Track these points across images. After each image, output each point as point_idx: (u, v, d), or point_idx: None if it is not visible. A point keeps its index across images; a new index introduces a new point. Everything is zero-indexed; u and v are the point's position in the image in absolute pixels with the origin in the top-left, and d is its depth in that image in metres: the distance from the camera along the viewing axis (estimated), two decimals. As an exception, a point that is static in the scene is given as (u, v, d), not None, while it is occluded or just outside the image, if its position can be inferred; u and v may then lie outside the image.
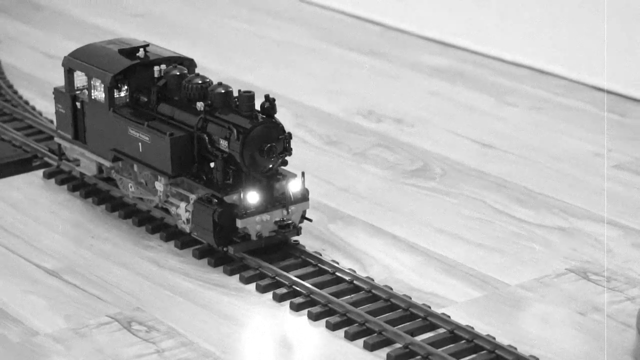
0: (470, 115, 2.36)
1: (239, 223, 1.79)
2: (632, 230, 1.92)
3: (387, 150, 2.22)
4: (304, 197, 1.84)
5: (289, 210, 1.82)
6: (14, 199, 2.07)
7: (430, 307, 1.68)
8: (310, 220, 1.87)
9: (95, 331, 1.67)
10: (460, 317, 1.66)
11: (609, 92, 2.43)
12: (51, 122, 2.24)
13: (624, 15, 2.82)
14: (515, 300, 1.75)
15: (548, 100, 2.41)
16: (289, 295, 1.74)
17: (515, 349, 1.57)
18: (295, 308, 1.71)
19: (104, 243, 1.92)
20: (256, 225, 1.80)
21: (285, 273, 1.77)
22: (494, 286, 1.78)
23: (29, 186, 2.11)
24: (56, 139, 2.09)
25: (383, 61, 2.65)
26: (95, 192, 2.06)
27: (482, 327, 1.64)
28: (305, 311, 1.70)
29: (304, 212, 1.85)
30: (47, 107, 2.33)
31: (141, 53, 1.95)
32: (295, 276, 1.76)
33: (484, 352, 1.58)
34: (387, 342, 1.62)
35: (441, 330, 1.63)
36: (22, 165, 2.14)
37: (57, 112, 2.06)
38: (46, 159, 2.16)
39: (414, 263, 1.85)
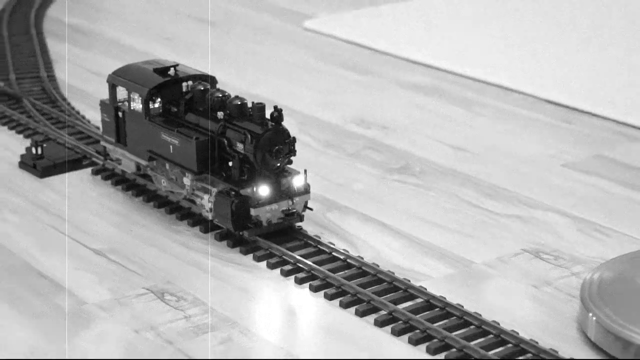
0: (445, 123, 2.37)
1: (253, 212, 1.80)
2: (577, 218, 1.93)
3: (375, 152, 2.22)
4: (306, 190, 1.85)
5: (294, 201, 1.84)
6: (67, 192, 2.08)
7: (410, 281, 1.69)
8: (311, 209, 1.88)
9: (134, 301, 1.68)
10: (435, 289, 1.67)
11: (558, 104, 2.44)
12: (97, 128, 2.24)
13: (571, 41, 2.84)
14: (480, 275, 1.76)
15: (509, 111, 2.42)
16: (293, 271, 1.75)
17: (480, 315, 1.59)
18: (299, 282, 1.73)
19: (141, 228, 1.93)
20: (266, 214, 1.81)
21: (290, 253, 1.78)
22: (463, 264, 1.79)
23: (80, 181, 2.12)
24: (102, 143, 2.10)
25: (372, 78, 2.65)
26: (134, 186, 2.07)
27: (452, 298, 1.65)
28: (307, 284, 1.72)
29: (306, 202, 1.86)
30: (94, 116, 2.34)
31: (172, 71, 1.97)
32: (299, 255, 1.78)
33: (454, 317, 1.60)
34: (374, 310, 1.63)
35: (419, 300, 1.65)
36: (74, 164, 2.15)
37: (102, 120, 2.07)
38: (94, 159, 2.17)
39: (397, 245, 1.86)
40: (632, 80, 2.55)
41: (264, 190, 1.81)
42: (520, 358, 1.50)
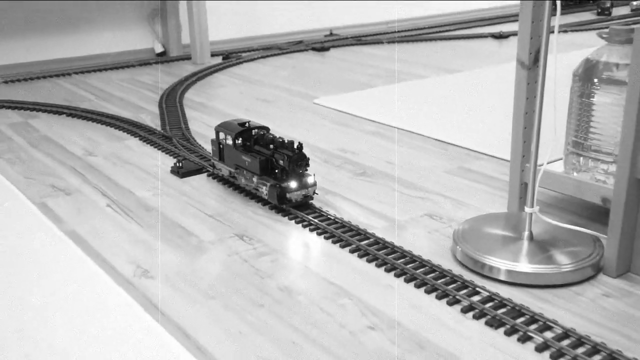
0: (383, 151, 2.36)
1: (287, 195, 1.81)
2: (450, 198, 1.93)
3: (349, 165, 2.22)
4: (315, 184, 1.86)
5: (308, 189, 1.85)
6: (193, 185, 2.08)
7: (367, 229, 1.70)
8: (317, 194, 1.89)
9: (228, 240, 1.69)
10: (380, 234, 1.68)
11: (440, 140, 2.43)
12: (209, 153, 2.25)
13: (448, 107, 2.84)
14: (402, 227, 1.76)
15: (415, 144, 2.41)
16: (308, 225, 1.76)
17: (402, 247, 1.60)
18: (311, 230, 1.73)
19: (231, 204, 1.93)
20: (294, 196, 1.82)
21: (306, 216, 1.79)
22: (394, 221, 1.79)
23: (200, 180, 2.12)
24: (212, 160, 2.10)
25: (349, 128, 2.65)
26: (228, 182, 2.06)
27: (389, 239, 1.66)
28: (315, 232, 1.72)
29: (315, 190, 1.87)
30: (208, 147, 2.34)
31: (247, 124, 1.98)
32: (311, 217, 1.78)
33: (389, 248, 1.60)
34: (349, 244, 1.64)
35: (371, 239, 1.66)
36: (197, 171, 2.16)
37: (212, 149, 2.08)
38: (207, 168, 2.17)
39: (360, 211, 1.86)
40: (476, 128, 2.56)
41: (293, 184, 1.82)
42: (423, 269, 1.51)
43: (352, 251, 1.61)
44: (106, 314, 1.38)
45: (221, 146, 2.02)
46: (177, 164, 2.15)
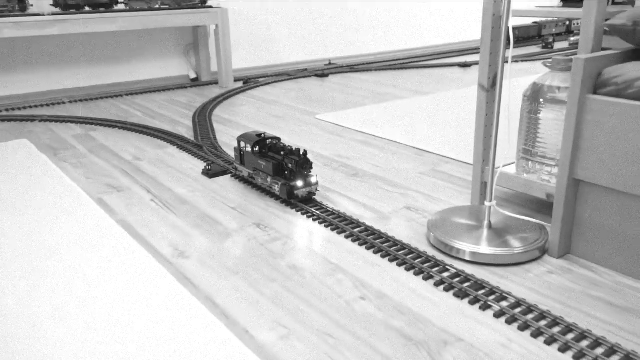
0: (372, 157, 2.34)
1: (295, 192, 1.80)
2: (425, 194, 1.91)
3: (344, 168, 2.20)
4: (317, 183, 1.84)
5: (312, 187, 1.83)
6: (219, 183, 2.06)
7: (359, 220, 1.68)
8: (319, 191, 1.88)
9: (247, 228, 1.68)
10: (369, 223, 1.67)
11: (417, 148, 2.42)
12: (233, 158, 2.24)
13: (424, 121, 2.82)
14: (387, 217, 1.74)
15: (397, 151, 2.40)
16: (311, 216, 1.74)
17: (387, 233, 1.58)
18: (313, 220, 1.71)
19: (249, 198, 1.91)
20: (301, 192, 1.81)
21: (310, 209, 1.77)
22: (380, 213, 1.78)
23: (225, 180, 2.10)
24: (234, 164, 2.08)
25: (343, 138, 2.63)
26: (247, 182, 2.05)
27: (376, 227, 1.64)
28: (317, 221, 1.71)
29: (317, 188, 1.85)
30: (232, 154, 2.32)
31: (263, 135, 1.97)
32: (314, 209, 1.77)
33: (376, 234, 1.59)
34: (345, 231, 1.63)
35: (362, 227, 1.64)
36: (223, 173, 2.14)
37: (235, 155, 2.06)
38: (231, 170, 2.15)
39: (354, 205, 1.84)
40: (445, 138, 2.55)
41: (300, 183, 1.81)
42: (403, 251, 1.50)
43: (346, 237, 1.60)
44: (150, 287, 1.38)
45: (242, 153, 2.01)
46: (207, 167, 2.14)
